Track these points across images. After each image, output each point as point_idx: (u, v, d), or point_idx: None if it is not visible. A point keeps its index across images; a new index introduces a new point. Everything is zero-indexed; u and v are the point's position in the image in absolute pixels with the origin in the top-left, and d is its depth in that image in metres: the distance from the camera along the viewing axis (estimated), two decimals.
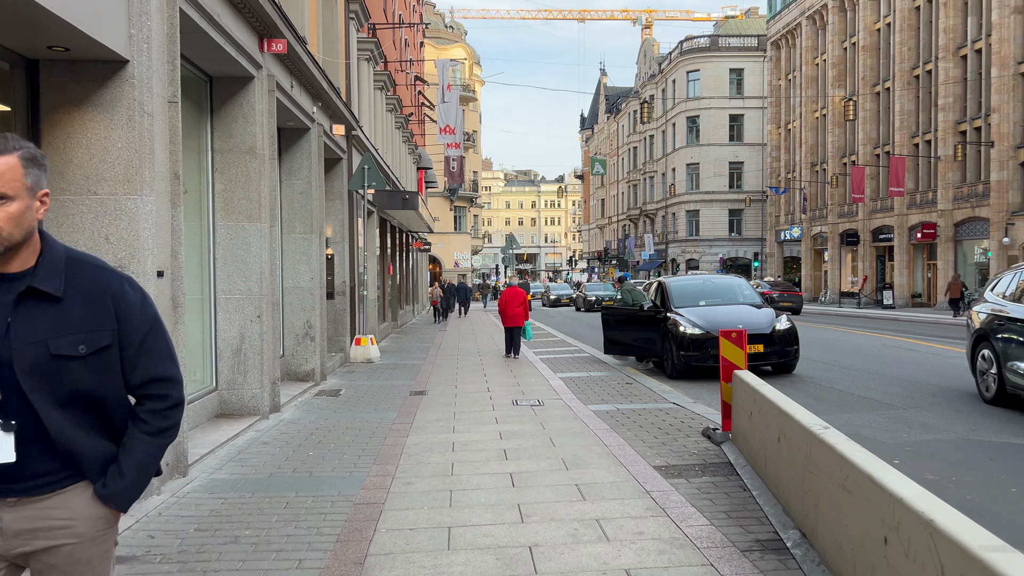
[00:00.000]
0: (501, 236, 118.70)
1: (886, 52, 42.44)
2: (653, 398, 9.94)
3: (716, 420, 8.22)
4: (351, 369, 13.88)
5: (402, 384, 11.80)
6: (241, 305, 8.62)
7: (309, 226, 11.73)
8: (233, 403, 8.63)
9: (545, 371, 12.99)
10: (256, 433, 8.00)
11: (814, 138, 50.68)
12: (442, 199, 56.65)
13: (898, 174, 36.51)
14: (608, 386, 11.11)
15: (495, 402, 9.84)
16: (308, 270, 11.75)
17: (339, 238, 14.93)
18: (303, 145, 11.72)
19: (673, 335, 12.16)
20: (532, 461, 6.56)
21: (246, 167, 8.59)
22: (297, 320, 11.73)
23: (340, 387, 11.53)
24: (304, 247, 11.73)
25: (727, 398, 6.99)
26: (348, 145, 15.67)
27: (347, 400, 10.27)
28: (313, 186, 11.76)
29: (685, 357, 11.96)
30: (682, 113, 64.78)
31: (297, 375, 11.72)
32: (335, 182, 14.89)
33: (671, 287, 13.43)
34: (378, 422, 8.57)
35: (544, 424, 8.22)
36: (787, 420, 4.79)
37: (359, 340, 15.08)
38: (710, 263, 62.67)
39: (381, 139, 21.63)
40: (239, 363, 8.62)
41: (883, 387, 10.93)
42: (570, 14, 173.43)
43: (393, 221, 24.51)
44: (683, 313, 12.48)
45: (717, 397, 10.33)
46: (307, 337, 11.74)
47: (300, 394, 10.58)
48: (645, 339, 13.56)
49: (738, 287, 13.80)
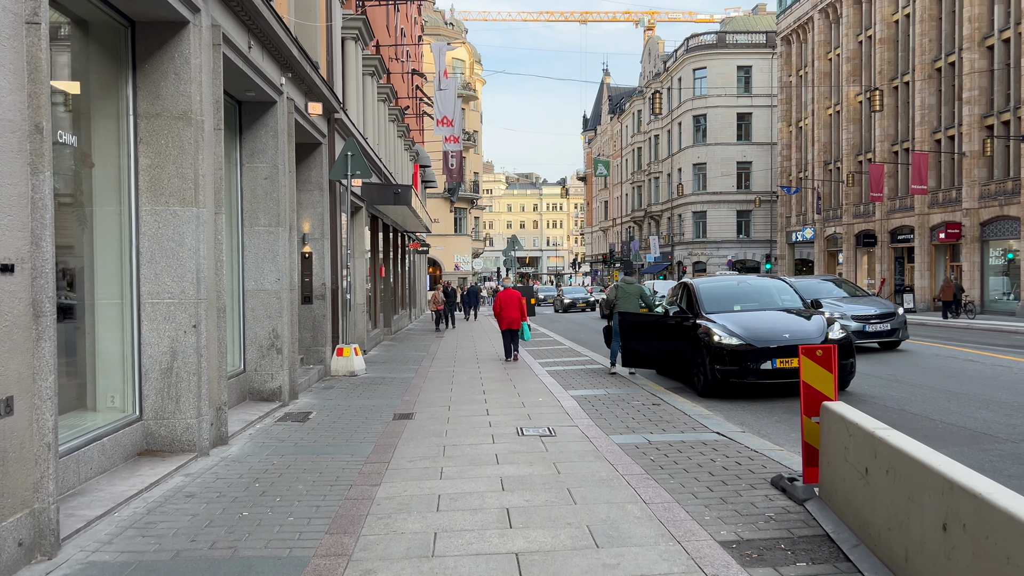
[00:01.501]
0: (502, 239, 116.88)
1: (905, 44, 40.59)
2: (689, 425, 8.08)
3: (779, 458, 6.37)
4: (330, 384, 12.03)
5: (386, 404, 9.95)
6: (172, 312, 6.77)
7: (275, 217, 9.89)
8: (162, 437, 6.78)
9: (554, 387, 11.14)
10: (184, 479, 6.14)
11: (827, 136, 48.81)
12: (442, 200, 54.84)
13: (921, 171, 34.63)
14: (631, 408, 9.26)
15: (496, 430, 7.98)
16: (274, 269, 9.91)
17: (318, 234, 13.09)
18: (268, 122, 9.89)
19: (706, 346, 10.30)
20: (546, 531, 4.70)
21: (178, 137, 6.75)
22: (260, 329, 9.89)
23: (311, 408, 9.68)
24: (269, 242, 9.89)
25: (811, 439, 5.13)
26: (330, 130, 13.85)
27: (315, 427, 8.41)
28: (281, 170, 9.92)
29: (721, 372, 10.10)
30: (688, 112, 62.99)
31: (260, 394, 9.88)
32: (313, 170, 13.06)
33: (700, 290, 11.57)
34: (346, 461, 6.72)
35: (558, 465, 6.36)
36: (968, 500, 2.94)
37: (341, 350, 13.24)
38: (718, 265, 60.79)
39: (372, 129, 19.82)
40: (170, 386, 6.78)
41: (966, 409, 9.06)
42: (572, 16, 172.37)
43: (386, 219, 22.68)
44: (717, 320, 10.61)
45: (767, 424, 8.53)
46: (272, 349, 9.90)
47: (259, 419, 8.74)
48: (670, 350, 11.70)
49: (777, 290, 11.93)
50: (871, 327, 15.77)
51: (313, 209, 13.05)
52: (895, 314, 16.16)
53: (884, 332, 15.88)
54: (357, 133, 16.13)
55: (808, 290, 16.52)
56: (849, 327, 14.51)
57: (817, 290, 17.25)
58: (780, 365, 9.86)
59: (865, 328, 15.67)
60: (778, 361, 9.87)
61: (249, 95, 9.49)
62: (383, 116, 22.47)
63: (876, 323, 15.84)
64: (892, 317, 16.04)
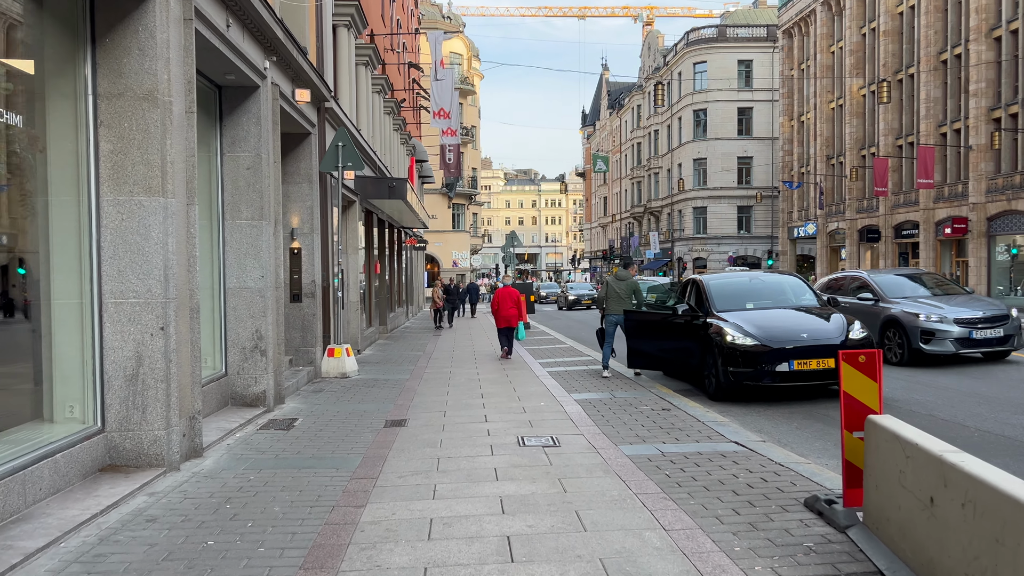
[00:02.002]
0: (501, 236, 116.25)
1: (910, 36, 39.96)
2: (704, 433, 7.46)
3: (808, 474, 5.76)
4: (320, 387, 11.41)
5: (377, 409, 9.32)
6: (138, 313, 6.14)
7: (259, 211, 9.26)
8: (127, 450, 6.15)
9: (556, 390, 10.51)
10: (147, 499, 5.52)
11: (830, 130, 48.21)
12: (440, 196, 54.20)
13: (927, 165, 34.03)
14: (639, 413, 8.64)
15: (495, 439, 7.36)
16: (258, 266, 9.28)
17: (307, 229, 12.46)
18: (250, 108, 9.24)
19: (718, 347, 9.67)
20: (554, 566, 4.08)
21: (143, 120, 6.11)
22: (243, 330, 9.26)
23: (297, 414, 9.05)
24: (252, 237, 9.25)
25: (853, 457, 4.51)
26: (320, 120, 13.21)
27: (300, 436, 7.79)
28: (264, 160, 9.28)
29: (734, 375, 9.47)
30: (688, 106, 62.37)
31: (243, 399, 9.25)
32: (302, 161, 12.42)
33: (710, 287, 10.94)
34: (330, 476, 6.10)
35: (564, 482, 5.74)
36: None
37: (332, 351, 12.61)
38: (718, 262, 60.22)
39: (366, 121, 19.17)
40: (135, 394, 6.15)
41: (1001, 415, 8.44)
42: (570, 11, 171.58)
43: (381, 214, 22.04)
44: (729, 319, 9.98)
45: (787, 432, 7.86)
46: (256, 351, 9.26)
47: (240, 427, 8.11)
48: (678, 350, 11.08)
49: (792, 287, 11.30)
50: (979, 333, 12.22)
51: (302, 203, 12.41)
52: (1008, 317, 12.57)
53: (995, 340, 12.32)
54: (349, 124, 15.49)
55: (893, 287, 13.70)
56: (951, 333, 12.12)
57: (900, 286, 13.81)
58: (798, 367, 9.24)
59: (972, 335, 12.19)
60: (796, 363, 9.25)
61: (229, 79, 8.85)
62: (378, 108, 21.81)
63: (985, 328, 12.27)
64: (1005, 321, 12.45)
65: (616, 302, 12.04)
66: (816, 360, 9.24)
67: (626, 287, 12.10)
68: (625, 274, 12.32)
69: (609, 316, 12.16)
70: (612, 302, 12.10)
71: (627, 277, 12.21)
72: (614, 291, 12.09)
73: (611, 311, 12.09)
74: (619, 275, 12.31)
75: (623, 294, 12.04)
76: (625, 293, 12.06)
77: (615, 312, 12.05)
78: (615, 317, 12.06)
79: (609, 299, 12.16)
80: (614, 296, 12.09)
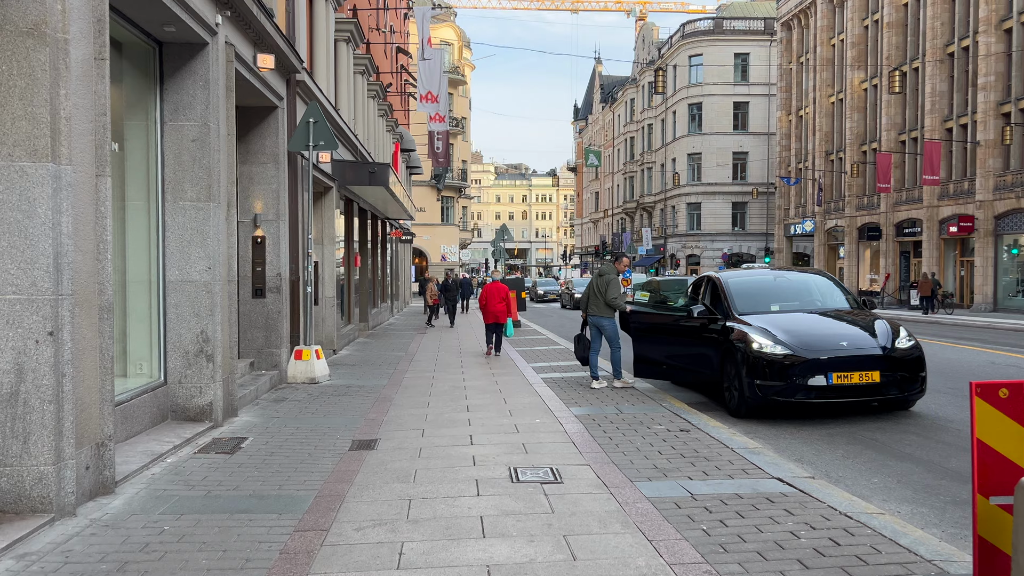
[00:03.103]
0: (491, 230, 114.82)
1: (915, 28, 38.75)
2: (737, 464, 6.12)
3: (891, 533, 4.42)
4: (283, 395, 10.00)
5: (345, 425, 7.94)
6: (18, 314, 4.73)
7: (206, 190, 7.83)
8: (3, 492, 4.74)
9: (553, 402, 9.15)
10: (14, 565, 4.11)
11: (829, 125, 46.99)
12: (428, 188, 52.72)
13: (932, 161, 32.83)
14: (652, 435, 7.29)
15: (482, 471, 5.99)
16: (204, 256, 7.85)
17: (272, 215, 11.04)
18: (196, 69, 7.81)
19: (742, 355, 8.33)
20: None
21: (26, 61, 4.69)
22: (186, 331, 7.84)
23: (249, 431, 7.65)
24: (198, 221, 7.83)
25: (992, 534, 3.17)
26: (290, 94, 11.77)
27: (244, 463, 6.39)
28: (213, 131, 7.86)
29: (762, 388, 8.13)
30: (683, 100, 61.07)
31: (185, 412, 7.83)
32: (267, 139, 10.99)
33: (730, 285, 9.58)
34: (268, 527, 4.72)
35: (572, 543, 4.38)
36: None
37: (300, 353, 11.19)
38: (712, 259, 59.05)
39: (346, 102, 17.72)
40: (14, 419, 4.74)
41: None
42: (563, 4, 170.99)
43: (363, 203, 20.58)
44: (754, 323, 8.64)
45: (832, 461, 6.38)
46: (201, 356, 7.85)
47: (174, 449, 6.70)
48: (691, 358, 9.74)
49: (821, 287, 9.95)
50: None
51: (267, 186, 10.99)
52: None
53: None
54: (324, 100, 14.04)
55: None
56: None
57: None
58: (837, 381, 7.91)
59: None
60: (834, 376, 7.91)
61: (169, 31, 7.41)
62: (361, 90, 20.35)
63: None
64: None
65: (594, 301, 10.25)
66: (858, 373, 7.92)
67: (604, 283, 10.12)
68: (607, 268, 10.41)
69: (590, 317, 10.31)
70: (591, 301, 10.28)
71: (607, 271, 10.28)
72: (593, 288, 10.27)
73: (590, 311, 10.28)
74: (601, 269, 10.47)
75: (602, 292, 10.16)
76: (603, 290, 10.16)
77: (592, 313, 10.22)
78: (592, 319, 10.26)
79: (588, 298, 10.36)
80: (592, 294, 10.27)
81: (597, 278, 10.29)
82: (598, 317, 10.22)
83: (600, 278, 10.23)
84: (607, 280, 10.15)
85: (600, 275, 10.30)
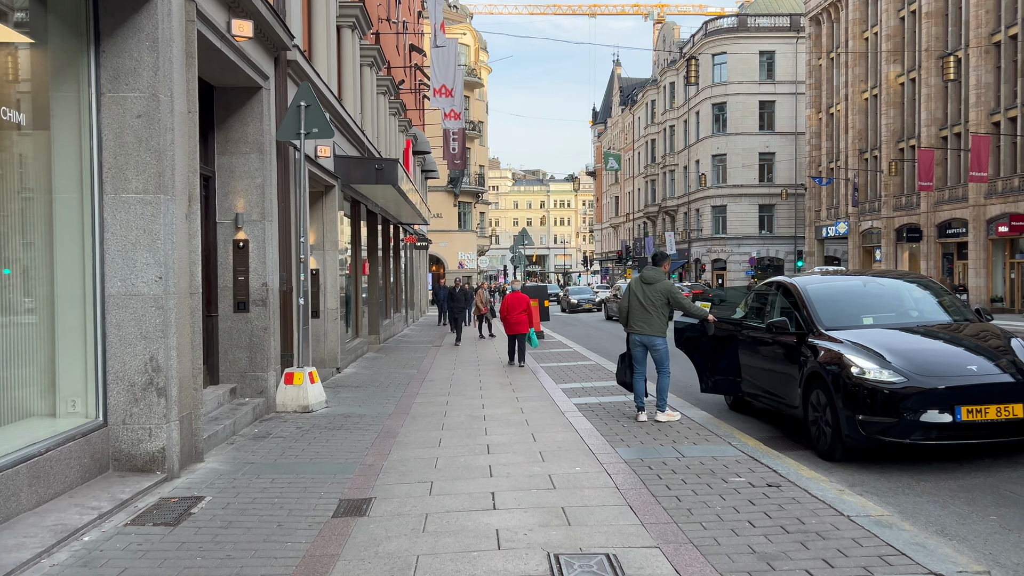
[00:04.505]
0: (509, 237, 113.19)
1: (956, 18, 36.66)
2: (868, 547, 4.34)
3: None
4: (267, 429, 8.33)
5: (334, 474, 6.25)
6: None
7: (156, 179, 6.18)
8: None
9: (593, 439, 7.39)
10: None
11: (863, 122, 44.90)
12: (445, 194, 51.20)
13: (980, 156, 30.74)
14: (732, 492, 5.52)
15: (510, 563, 4.26)
16: (154, 262, 6.20)
17: (257, 215, 9.39)
18: (142, 26, 6.17)
19: (836, 382, 6.54)
20: None
21: None
22: (131, 358, 6.18)
23: (210, 487, 5.98)
24: (146, 219, 6.18)
25: None
26: (279, 75, 10.14)
27: (186, 542, 4.71)
28: (166, 105, 6.22)
29: (865, 426, 6.34)
30: (707, 100, 59.12)
31: (131, 462, 6.17)
32: (250, 125, 9.35)
33: (810, 293, 7.78)
34: None
35: None
36: None
37: (291, 376, 9.53)
38: (739, 263, 57.01)
39: (352, 96, 16.11)
40: None
41: None
42: (580, 8, 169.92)
43: (372, 205, 18.95)
44: (849, 340, 6.85)
45: (1000, 543, 4.92)
46: (151, 389, 6.19)
47: (96, 521, 5.03)
48: (762, 378, 7.98)
49: (918, 295, 8.14)
50: None
51: (250, 180, 9.35)
52: None
53: None
54: (326, 90, 12.42)
55: None
56: None
57: None
58: (967, 417, 6.11)
59: None
60: (963, 410, 6.11)
61: None
62: (369, 84, 18.75)
63: None
64: None
65: (642, 316, 8.17)
66: (995, 406, 6.10)
67: (657, 292, 8.16)
68: (655, 274, 8.27)
69: (630, 336, 8.32)
70: (637, 315, 8.21)
71: (657, 278, 8.22)
72: (638, 300, 8.19)
73: (636, 329, 8.23)
74: (646, 275, 8.29)
75: (655, 303, 8.16)
76: (658, 301, 8.16)
77: (642, 331, 8.17)
78: (641, 338, 8.23)
79: (632, 311, 8.27)
80: (638, 307, 8.19)
81: (643, 287, 8.20)
82: (650, 336, 8.19)
83: (649, 287, 8.17)
84: (662, 288, 8.17)
85: (648, 282, 8.21)
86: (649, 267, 8.49)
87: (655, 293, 8.18)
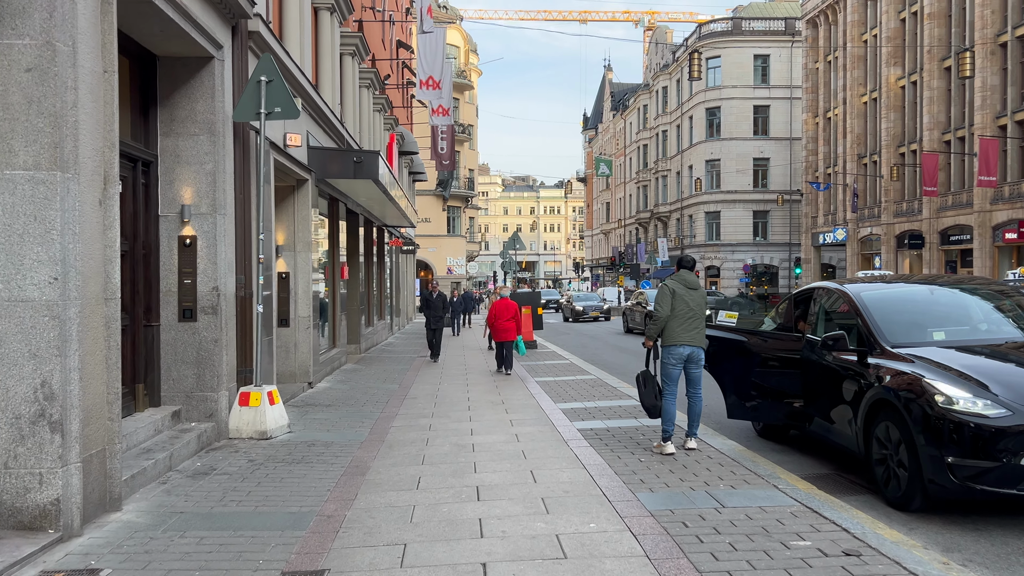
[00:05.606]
0: (499, 243, 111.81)
1: (960, 18, 35.69)
2: None
3: None
4: (210, 463, 6.92)
5: (281, 530, 4.87)
6: None
7: (51, 152, 4.79)
8: None
9: (609, 483, 6.02)
10: None
11: (862, 126, 43.87)
12: (434, 198, 49.82)
13: (988, 160, 29.67)
14: (798, 564, 4.18)
15: None
16: (48, 259, 4.80)
17: (207, 208, 7.99)
18: None
19: (915, 415, 5.21)
20: None
21: None
22: (15, 381, 4.78)
23: (114, 552, 4.58)
24: (36, 205, 4.79)
25: None
26: (237, 46, 8.76)
27: None
28: (67, 58, 4.83)
29: (956, 470, 5.00)
30: (701, 104, 58.07)
31: (15, 517, 4.77)
32: (199, 102, 7.95)
33: (868, 302, 6.45)
34: None
35: None
36: None
37: (246, 396, 8.12)
38: (732, 271, 55.87)
39: (329, 84, 14.73)
40: None
41: None
42: (571, 15, 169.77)
43: (353, 205, 17.54)
44: (924, 359, 5.53)
45: None
46: (42, 422, 4.78)
47: None
48: (812, 404, 6.65)
49: (991, 304, 6.83)
50: None
51: (198, 166, 7.94)
52: None
53: None
54: (298, 72, 11.05)
55: None
56: None
57: None
58: None
59: None
60: None
61: None
62: (351, 75, 17.37)
63: None
64: None
65: (693, 324, 6.97)
66: None
67: (703, 298, 7.11)
68: (691, 277, 7.19)
69: (672, 348, 6.98)
70: (686, 324, 6.97)
71: (695, 281, 7.18)
72: (688, 307, 6.97)
73: (684, 340, 6.97)
74: (690, 279, 7.14)
75: (699, 312, 7.04)
76: (703, 309, 7.12)
77: (692, 341, 6.98)
78: (692, 350, 7.01)
79: (676, 319, 6.96)
80: (687, 315, 6.97)
81: (689, 291, 7.02)
82: (699, 348, 7.05)
83: (696, 292, 7.03)
84: (703, 294, 7.12)
85: (693, 287, 7.05)
86: (688, 272, 7.23)
87: (702, 299, 7.06)
